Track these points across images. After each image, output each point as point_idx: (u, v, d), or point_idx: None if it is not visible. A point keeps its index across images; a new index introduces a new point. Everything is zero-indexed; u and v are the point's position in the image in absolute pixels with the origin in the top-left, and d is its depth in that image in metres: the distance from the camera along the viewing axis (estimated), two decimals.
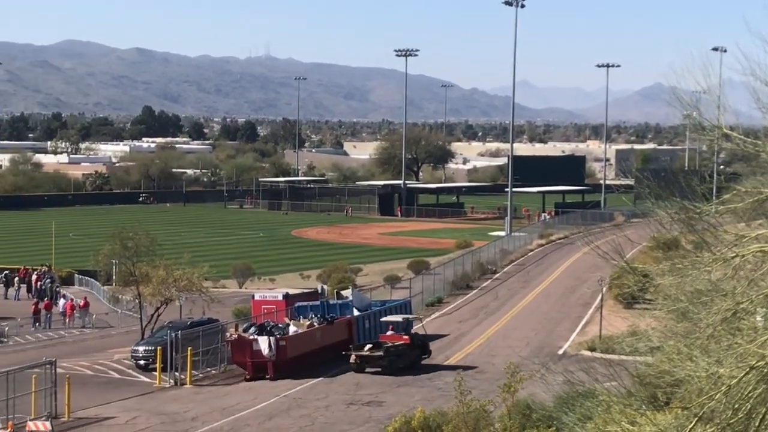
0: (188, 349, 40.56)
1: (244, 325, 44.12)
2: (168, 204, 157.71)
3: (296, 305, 47.42)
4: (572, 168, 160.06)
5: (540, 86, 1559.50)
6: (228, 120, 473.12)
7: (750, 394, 9.76)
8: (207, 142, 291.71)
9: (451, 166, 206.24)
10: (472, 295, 63.88)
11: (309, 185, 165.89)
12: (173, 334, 41.04)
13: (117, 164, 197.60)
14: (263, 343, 40.65)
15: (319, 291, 57.61)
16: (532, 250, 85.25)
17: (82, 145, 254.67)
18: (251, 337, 41.21)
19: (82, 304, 62.49)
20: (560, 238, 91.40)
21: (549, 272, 72.69)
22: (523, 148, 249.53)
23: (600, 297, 51.12)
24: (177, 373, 40.62)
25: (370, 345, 42.27)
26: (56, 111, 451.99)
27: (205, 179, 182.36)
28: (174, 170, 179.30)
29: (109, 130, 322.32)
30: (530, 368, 27.89)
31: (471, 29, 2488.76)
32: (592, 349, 41.77)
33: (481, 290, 65.53)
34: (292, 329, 42.73)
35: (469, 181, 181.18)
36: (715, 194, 11.09)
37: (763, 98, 10.52)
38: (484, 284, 67.73)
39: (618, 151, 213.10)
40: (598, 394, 13.21)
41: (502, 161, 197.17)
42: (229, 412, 34.63)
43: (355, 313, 47.16)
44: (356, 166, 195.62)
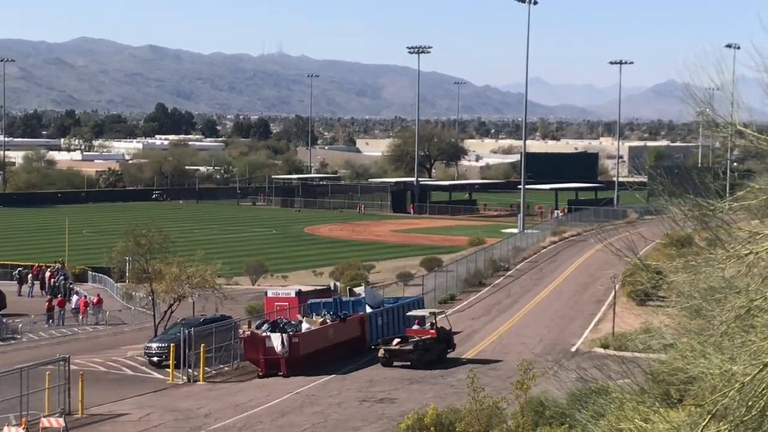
0: (201, 346, 40.65)
1: (257, 322, 44.15)
2: (181, 201, 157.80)
3: (309, 302, 47.38)
4: (585, 165, 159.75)
5: (553, 83, 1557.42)
6: (241, 117, 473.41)
7: (764, 392, 9.73)
8: (220, 139, 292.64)
9: (463, 163, 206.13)
10: (485, 292, 63.85)
11: (322, 182, 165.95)
12: (186, 331, 41.14)
13: (130, 161, 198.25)
14: (276, 340, 40.71)
15: (332, 288, 57.69)
16: (544, 247, 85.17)
17: (96, 143, 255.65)
18: (264, 334, 41.24)
19: (95, 301, 62.64)
20: (573, 235, 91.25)
21: (562, 269, 72.60)
22: (536, 145, 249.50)
23: (613, 294, 51.00)
24: (190, 370, 40.71)
25: (398, 339, 42.51)
26: (69, 108, 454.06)
27: (218, 176, 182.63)
28: (187, 167, 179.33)
29: (122, 127, 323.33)
30: (543, 365, 27.82)
31: (484, 26, 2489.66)
32: (605, 347, 41.70)
33: (493, 287, 65.48)
34: (304, 326, 42.76)
35: (482, 178, 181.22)
36: (729, 191, 11.04)
37: None
38: (497, 281, 67.70)
39: (631, 148, 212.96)
40: (611, 392, 13.19)
41: (514, 158, 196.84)
42: (242, 409, 34.68)
43: (368, 310, 47.17)
44: (369, 163, 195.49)
